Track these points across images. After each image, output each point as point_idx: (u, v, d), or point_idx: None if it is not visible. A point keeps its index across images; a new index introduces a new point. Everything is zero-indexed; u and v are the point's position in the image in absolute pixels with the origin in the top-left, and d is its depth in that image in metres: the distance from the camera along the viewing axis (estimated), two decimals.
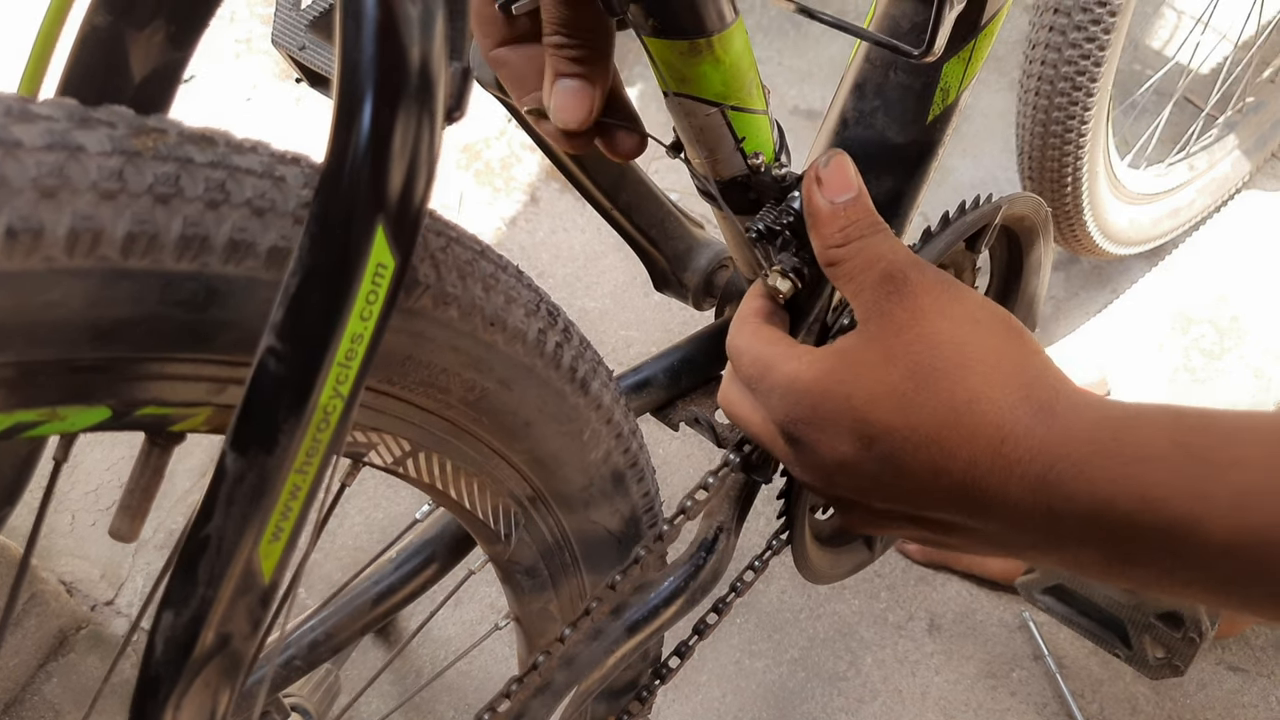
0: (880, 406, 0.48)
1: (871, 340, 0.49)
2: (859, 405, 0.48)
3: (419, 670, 1.22)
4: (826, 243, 0.53)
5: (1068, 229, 1.35)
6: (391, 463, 0.52)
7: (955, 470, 0.47)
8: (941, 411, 0.47)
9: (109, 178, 0.32)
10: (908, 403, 0.47)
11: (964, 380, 0.47)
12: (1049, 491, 0.45)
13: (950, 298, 0.49)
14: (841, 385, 0.49)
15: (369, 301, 0.35)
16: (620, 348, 1.48)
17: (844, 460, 0.50)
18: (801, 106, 1.76)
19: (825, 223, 0.53)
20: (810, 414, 0.50)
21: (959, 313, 0.49)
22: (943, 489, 0.47)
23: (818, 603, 1.27)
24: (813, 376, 0.50)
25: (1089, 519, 0.44)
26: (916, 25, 0.62)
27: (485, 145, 1.70)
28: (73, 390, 0.35)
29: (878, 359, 0.48)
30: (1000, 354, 0.48)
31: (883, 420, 0.48)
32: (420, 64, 0.33)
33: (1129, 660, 0.83)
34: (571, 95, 0.49)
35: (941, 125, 0.68)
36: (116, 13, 0.49)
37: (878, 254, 0.51)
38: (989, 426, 0.46)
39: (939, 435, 0.47)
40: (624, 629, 0.65)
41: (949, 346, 0.48)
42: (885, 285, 0.50)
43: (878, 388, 0.48)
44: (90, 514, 1.31)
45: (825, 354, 0.51)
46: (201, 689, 0.39)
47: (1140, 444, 0.44)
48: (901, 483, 0.49)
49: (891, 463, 0.48)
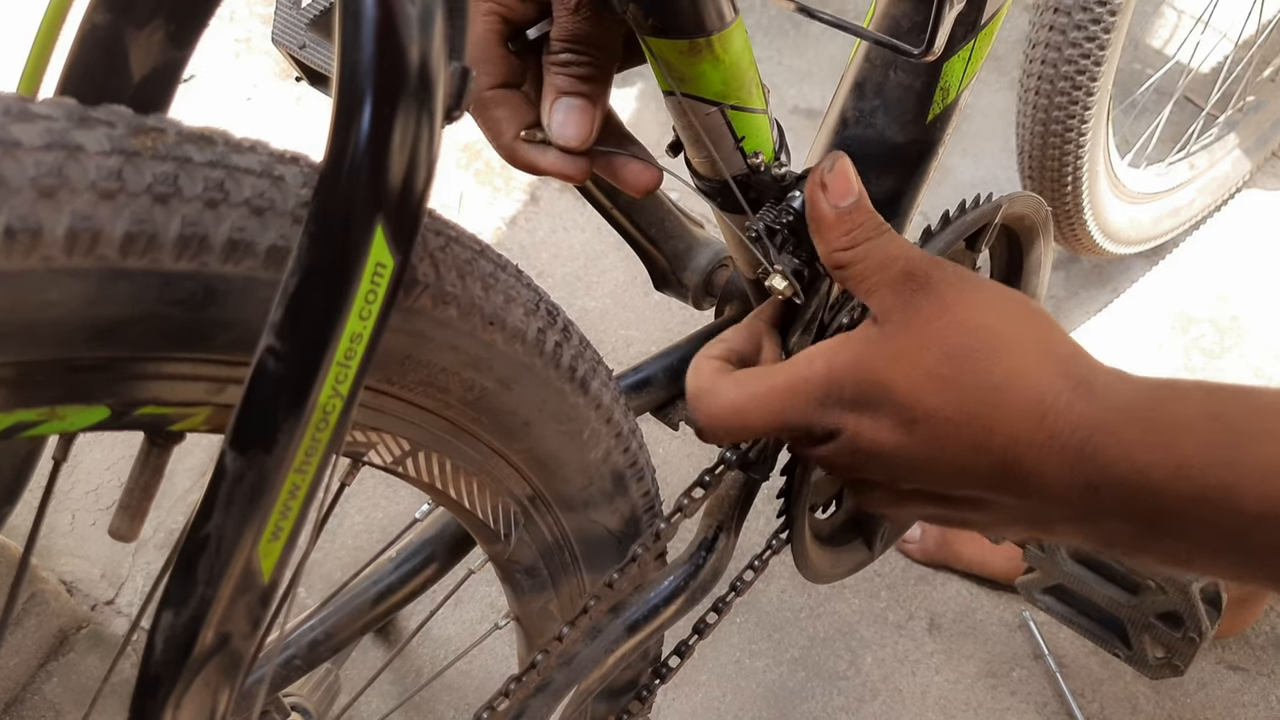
0: (921, 390, 0.48)
1: (900, 331, 0.50)
2: (897, 390, 0.49)
3: (419, 670, 1.22)
4: (833, 246, 0.53)
5: (1068, 228, 1.35)
6: (391, 462, 0.52)
7: (995, 447, 0.47)
8: (982, 391, 0.48)
9: (108, 177, 0.32)
10: (948, 385, 0.48)
11: (1001, 360, 0.48)
12: (1086, 464, 0.45)
13: (972, 288, 0.50)
14: (875, 373, 0.49)
15: (368, 301, 0.35)
16: (620, 347, 1.48)
17: (882, 447, 0.50)
18: (801, 106, 1.76)
19: (831, 227, 0.53)
20: (850, 401, 0.50)
21: (984, 300, 0.50)
22: (982, 467, 0.48)
23: (818, 602, 1.27)
24: (843, 365, 0.50)
25: (1124, 490, 0.45)
26: (916, 24, 0.62)
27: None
28: (72, 390, 0.35)
29: (912, 346, 0.49)
30: (1031, 335, 0.49)
31: (925, 404, 0.48)
32: (419, 63, 0.33)
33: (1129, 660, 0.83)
34: (575, 113, 0.49)
35: (941, 124, 0.68)
36: (116, 11, 0.49)
37: (891, 255, 0.52)
38: (1030, 402, 0.47)
39: (981, 413, 0.47)
40: (624, 628, 0.65)
41: (981, 330, 0.49)
42: (907, 283, 0.50)
43: (915, 372, 0.48)
44: (90, 513, 1.31)
45: (842, 346, 0.51)
46: (201, 688, 0.39)
47: (1176, 416, 0.45)
48: (939, 464, 0.49)
49: (931, 444, 0.49)
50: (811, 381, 0.51)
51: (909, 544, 1.29)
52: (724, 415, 0.52)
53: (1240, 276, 1.59)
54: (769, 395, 0.51)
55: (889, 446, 0.50)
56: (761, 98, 0.55)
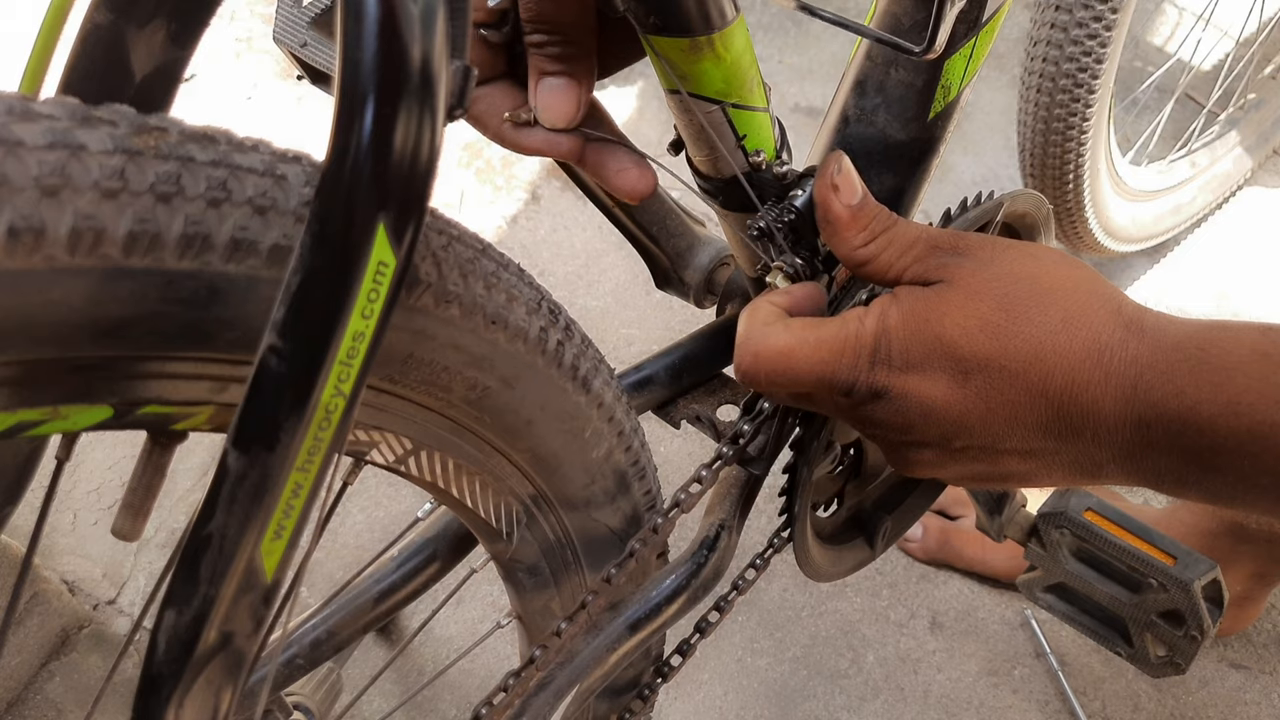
0: (974, 339, 0.49)
1: (947, 288, 0.50)
2: (951, 340, 0.49)
3: (421, 669, 1.22)
4: (853, 245, 0.53)
5: (1069, 226, 1.35)
6: (393, 461, 0.52)
7: (1053, 391, 0.48)
8: (1039, 334, 0.48)
9: (111, 176, 0.32)
10: (1002, 331, 0.48)
11: (1054, 304, 0.48)
12: (1139, 400, 0.46)
13: (1004, 246, 0.51)
14: (928, 325, 0.49)
15: (370, 300, 0.35)
16: (622, 346, 1.48)
17: (934, 403, 0.50)
18: (803, 104, 1.76)
19: (848, 226, 0.53)
20: (900, 359, 0.50)
21: (1022, 253, 0.51)
22: (1037, 413, 0.49)
23: (819, 600, 1.27)
24: (895, 323, 0.50)
25: (1175, 425, 0.46)
26: (918, 22, 0.62)
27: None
28: (74, 389, 0.35)
29: (962, 298, 0.49)
30: (1077, 282, 0.50)
31: (979, 352, 0.49)
32: (421, 62, 0.33)
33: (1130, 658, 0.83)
34: (558, 92, 0.49)
35: (943, 122, 0.68)
36: (117, 11, 0.49)
37: (912, 237, 0.52)
38: (1087, 341, 0.48)
39: (1038, 357, 0.48)
40: (626, 626, 0.65)
41: (1027, 279, 0.49)
42: (936, 253, 0.51)
43: (969, 321, 0.49)
44: (93, 513, 1.31)
45: (891, 304, 0.51)
46: (204, 688, 0.39)
47: (1226, 353, 0.46)
48: (994, 414, 0.50)
49: (987, 395, 0.49)
50: (862, 339, 0.51)
51: (910, 542, 1.29)
52: (771, 358, 0.52)
53: (1241, 274, 1.59)
54: (818, 346, 0.51)
55: (941, 402, 0.50)
56: (763, 96, 0.55)
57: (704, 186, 0.60)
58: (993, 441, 0.51)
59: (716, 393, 0.81)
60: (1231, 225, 1.64)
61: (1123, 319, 0.48)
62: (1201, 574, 0.77)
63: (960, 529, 1.27)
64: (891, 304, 0.51)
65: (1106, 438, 0.48)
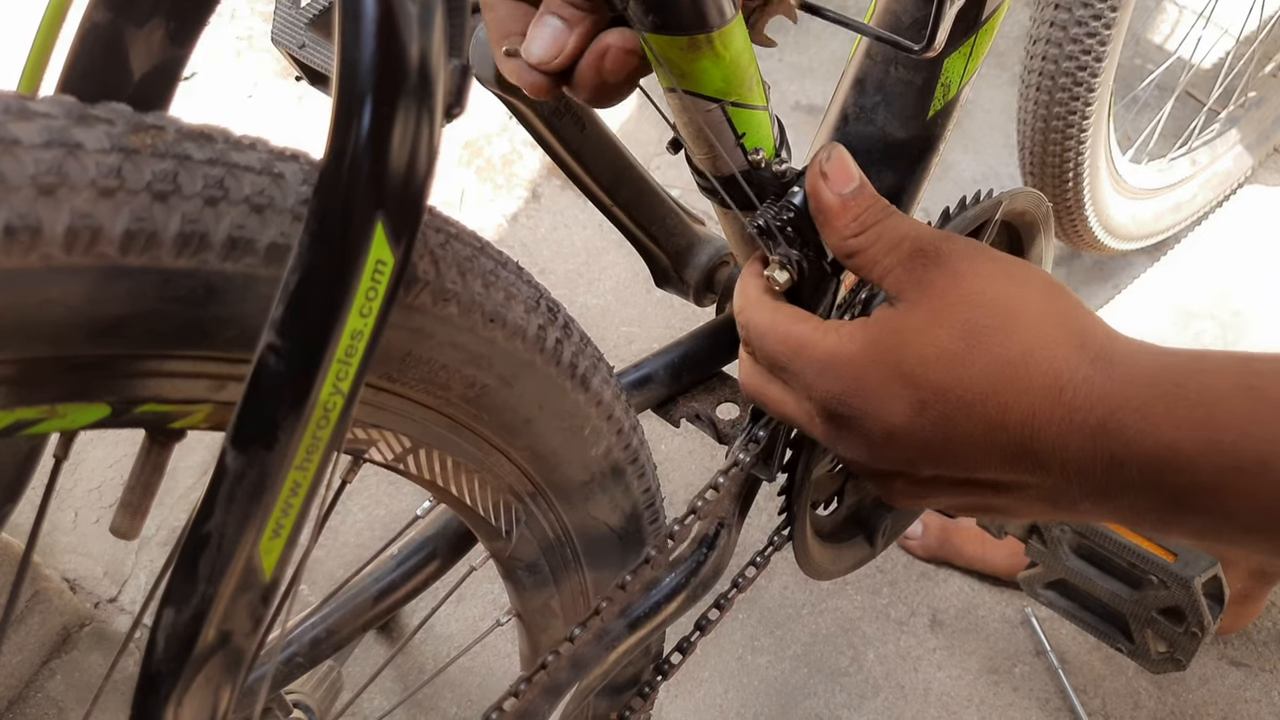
0: (932, 368, 0.48)
1: (913, 308, 0.49)
2: (909, 370, 0.48)
3: (421, 667, 1.22)
4: (843, 234, 0.53)
5: (1069, 224, 1.35)
6: (392, 459, 0.52)
7: (1012, 425, 0.47)
8: (995, 366, 0.47)
9: (107, 175, 0.32)
10: (960, 361, 0.47)
11: (1015, 334, 0.47)
12: (1110, 438, 0.45)
13: (985, 259, 0.50)
14: (888, 353, 0.49)
15: (369, 298, 0.35)
16: (621, 344, 1.48)
17: (894, 430, 0.49)
18: (803, 102, 1.76)
19: (837, 215, 0.53)
20: (856, 386, 0.50)
21: (997, 271, 0.49)
22: (998, 446, 0.48)
23: (820, 598, 1.27)
24: (856, 349, 0.50)
25: (1151, 465, 0.44)
26: (917, 21, 0.62)
27: (486, 142, 1.70)
28: (72, 388, 0.35)
29: (922, 323, 0.48)
30: (1047, 308, 0.48)
31: (935, 381, 0.48)
32: (419, 61, 0.33)
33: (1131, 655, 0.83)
34: (546, 31, 0.49)
35: (943, 120, 0.68)
36: (116, 10, 0.49)
37: (900, 234, 0.51)
38: (1046, 377, 0.46)
39: (995, 390, 0.47)
40: (626, 625, 0.65)
41: (994, 304, 0.48)
42: (917, 259, 0.50)
43: (927, 350, 0.48)
44: (93, 511, 1.31)
45: (862, 325, 0.51)
46: (203, 686, 0.40)
47: (1206, 388, 0.44)
48: (954, 445, 0.49)
49: (945, 425, 0.48)
50: (818, 347, 0.51)
51: (910, 540, 1.29)
52: (773, 345, 0.53)
53: (1242, 272, 1.59)
54: (789, 326, 0.53)
55: (902, 428, 0.49)
56: (762, 94, 0.55)
57: (703, 185, 0.60)
58: (962, 471, 0.50)
59: (716, 391, 0.81)
60: (1232, 223, 1.64)
61: (1089, 353, 0.46)
62: (1202, 571, 0.77)
63: (960, 526, 1.27)
64: (855, 332, 0.51)
65: (1077, 475, 0.46)
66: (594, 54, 0.49)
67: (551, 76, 0.50)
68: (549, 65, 0.50)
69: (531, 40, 0.49)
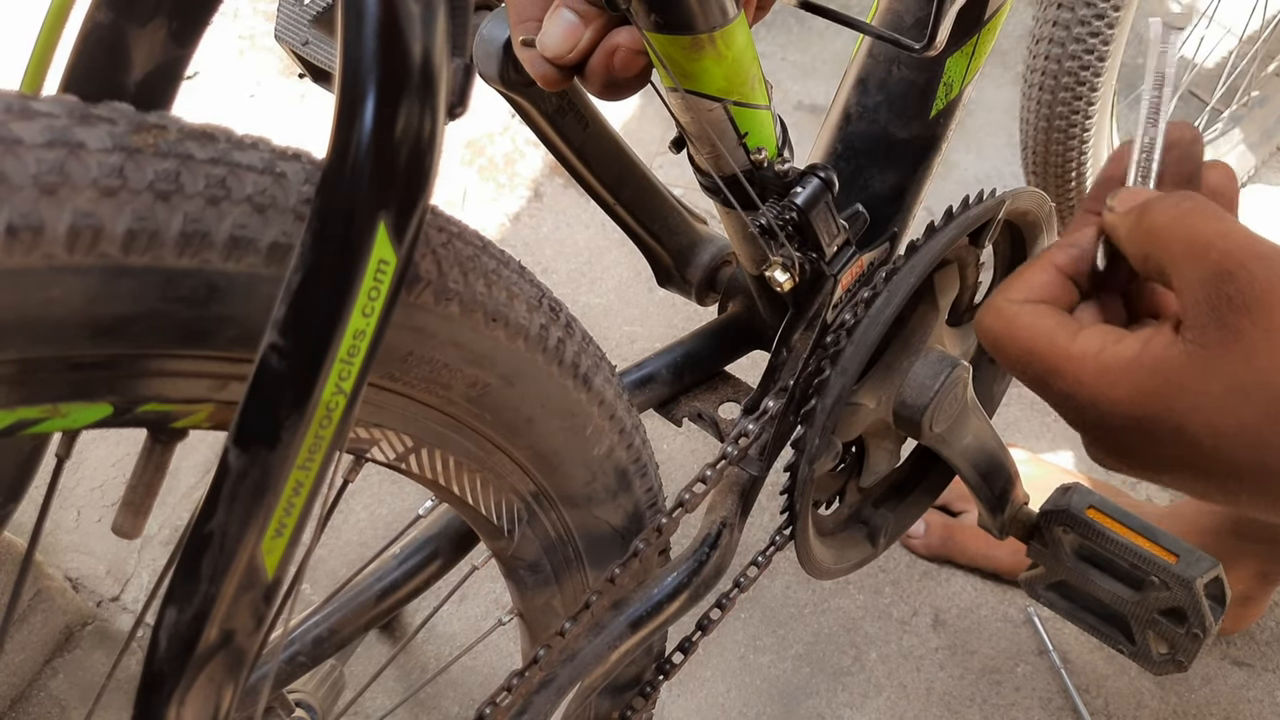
0: (1228, 443, 0.42)
1: (1211, 362, 0.42)
2: (1196, 439, 0.42)
3: (423, 666, 1.22)
4: (1132, 234, 0.46)
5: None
6: (394, 459, 0.52)
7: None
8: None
9: (109, 174, 0.32)
10: (1263, 442, 0.41)
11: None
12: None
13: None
14: (1171, 413, 0.43)
15: (371, 298, 0.35)
16: (624, 343, 1.48)
17: (1164, 477, 0.46)
18: (805, 102, 1.76)
19: (1120, 222, 0.47)
20: (1129, 435, 0.45)
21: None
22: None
23: (822, 598, 1.27)
24: (1127, 395, 0.44)
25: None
26: (919, 20, 0.62)
27: (489, 141, 1.70)
28: (74, 387, 0.35)
29: (1223, 390, 0.41)
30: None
31: (1229, 458, 0.42)
32: (422, 60, 0.33)
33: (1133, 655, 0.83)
34: (560, 25, 0.49)
35: (945, 120, 0.68)
36: (118, 10, 0.49)
37: (1203, 238, 0.43)
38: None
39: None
40: (627, 625, 0.65)
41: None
42: (1224, 285, 0.41)
43: (1224, 421, 0.41)
44: (96, 510, 1.31)
45: (1138, 364, 0.44)
46: (205, 685, 0.40)
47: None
48: (1238, 496, 0.44)
49: (1229, 489, 0.44)
50: (1102, 395, 0.45)
51: (913, 539, 1.29)
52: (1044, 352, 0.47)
53: None
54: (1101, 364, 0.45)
55: (1171, 479, 0.46)
56: (764, 94, 0.55)
57: (706, 184, 0.60)
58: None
59: (718, 390, 0.81)
60: None
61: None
62: (1204, 572, 0.77)
63: (963, 525, 1.27)
64: (1123, 373, 0.44)
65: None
66: (604, 52, 0.49)
67: (564, 69, 0.50)
68: (562, 60, 0.50)
69: (546, 33, 0.50)
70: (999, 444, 0.79)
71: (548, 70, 0.51)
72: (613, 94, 0.51)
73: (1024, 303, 0.49)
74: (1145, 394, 0.43)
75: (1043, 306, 0.49)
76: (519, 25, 0.52)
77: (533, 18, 0.51)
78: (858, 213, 0.67)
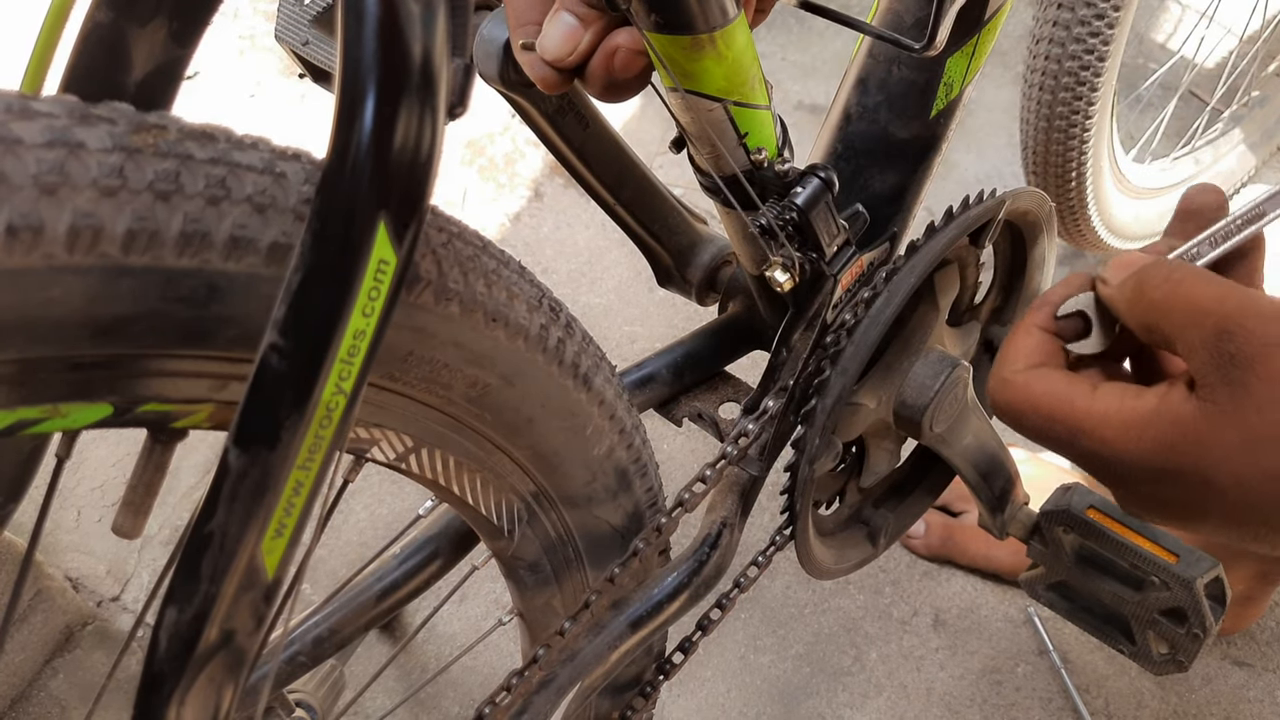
0: (1254, 492, 0.43)
1: (1225, 416, 0.43)
2: (1223, 490, 0.44)
3: (424, 666, 1.22)
4: (1132, 308, 0.48)
5: (1072, 224, 1.35)
6: (394, 459, 0.52)
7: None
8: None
9: (109, 174, 0.32)
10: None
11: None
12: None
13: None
14: (1196, 465, 0.44)
15: (371, 298, 0.35)
16: (624, 343, 1.48)
17: (1200, 527, 0.47)
18: (805, 102, 1.76)
19: (1118, 295, 0.49)
20: (1159, 488, 0.46)
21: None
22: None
23: (822, 598, 1.27)
24: (1151, 449, 0.45)
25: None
26: (919, 20, 0.62)
27: (489, 141, 1.70)
28: (74, 387, 0.35)
29: (1241, 442, 0.43)
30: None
31: (1257, 506, 0.43)
32: (422, 60, 0.33)
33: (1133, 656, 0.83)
34: (563, 28, 0.49)
35: (945, 120, 0.68)
36: (118, 10, 0.49)
37: (1199, 305, 0.45)
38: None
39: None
40: (627, 624, 0.65)
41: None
42: (1225, 344, 0.43)
43: (1247, 471, 0.43)
44: (96, 510, 1.31)
45: (1158, 418, 0.45)
46: (205, 685, 0.40)
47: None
48: (1274, 542, 0.45)
49: (1261, 535, 0.45)
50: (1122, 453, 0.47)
51: (913, 539, 1.29)
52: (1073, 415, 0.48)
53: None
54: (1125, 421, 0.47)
55: (1197, 528, 0.47)
56: (764, 94, 0.55)
57: (706, 184, 0.60)
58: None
59: (718, 390, 0.81)
60: None
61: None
62: (1204, 572, 0.77)
63: (963, 526, 1.27)
64: (1152, 420, 0.45)
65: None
66: (604, 54, 0.49)
67: (564, 72, 0.50)
68: (563, 62, 0.50)
69: (546, 36, 0.50)
70: (999, 444, 0.79)
71: (548, 73, 0.51)
72: (613, 95, 0.52)
73: (1027, 370, 0.51)
74: (1168, 447, 0.45)
75: (1048, 370, 0.50)
76: (518, 29, 0.52)
77: (532, 21, 0.51)
78: (857, 213, 0.67)
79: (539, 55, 0.50)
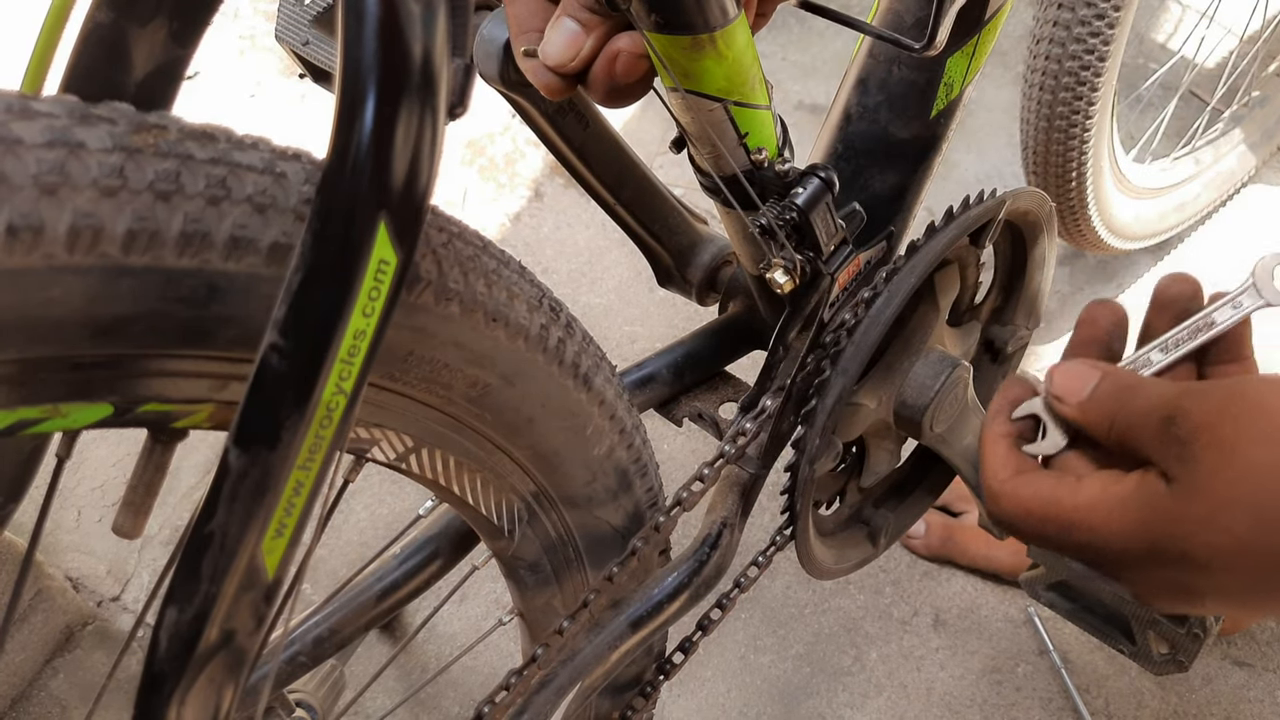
0: (1230, 561, 0.45)
1: (1187, 490, 0.46)
2: (1203, 562, 0.46)
3: (424, 666, 1.22)
4: (1089, 425, 0.52)
5: (1072, 224, 1.35)
6: (394, 459, 0.52)
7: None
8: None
9: (109, 174, 0.32)
10: (1261, 548, 0.44)
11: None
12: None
13: (1242, 411, 0.46)
14: (1174, 540, 0.46)
15: (371, 298, 0.35)
16: (624, 343, 1.48)
17: (1204, 605, 0.48)
18: (805, 101, 1.76)
19: (1089, 427, 0.52)
20: (1150, 569, 0.48)
21: (1267, 429, 0.45)
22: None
23: (822, 598, 1.27)
24: (1132, 528, 0.47)
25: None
26: (919, 20, 0.62)
27: (489, 141, 1.70)
28: (74, 387, 0.35)
29: (1207, 512, 0.45)
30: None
31: (1238, 574, 0.45)
32: (423, 60, 0.33)
33: (1133, 656, 0.83)
34: (566, 34, 0.49)
35: (945, 120, 0.68)
36: (119, 10, 0.49)
37: (1141, 408, 0.49)
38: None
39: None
40: (627, 624, 0.65)
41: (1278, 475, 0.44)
42: (1170, 431, 0.47)
43: (1219, 540, 0.45)
44: (96, 510, 1.31)
45: (1136, 498, 0.48)
46: (205, 685, 0.40)
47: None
48: (1270, 607, 0.47)
49: (1254, 603, 0.47)
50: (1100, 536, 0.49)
51: (913, 539, 1.29)
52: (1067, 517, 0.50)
53: (1245, 272, 1.59)
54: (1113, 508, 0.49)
55: (1211, 610, 0.49)
56: (765, 94, 0.55)
57: (706, 184, 0.60)
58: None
59: (718, 390, 0.81)
60: (1235, 223, 1.64)
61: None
62: None
63: (963, 525, 1.27)
64: (1124, 506, 0.48)
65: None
66: (606, 58, 0.49)
67: (567, 78, 0.50)
68: (565, 68, 0.50)
69: (548, 42, 0.50)
70: None
71: (551, 80, 0.51)
72: (616, 101, 0.52)
73: (1013, 478, 0.53)
74: (1145, 525, 0.47)
75: (1032, 475, 0.53)
76: (520, 36, 0.52)
77: (534, 28, 0.51)
78: (854, 211, 0.67)
79: (541, 62, 0.50)
